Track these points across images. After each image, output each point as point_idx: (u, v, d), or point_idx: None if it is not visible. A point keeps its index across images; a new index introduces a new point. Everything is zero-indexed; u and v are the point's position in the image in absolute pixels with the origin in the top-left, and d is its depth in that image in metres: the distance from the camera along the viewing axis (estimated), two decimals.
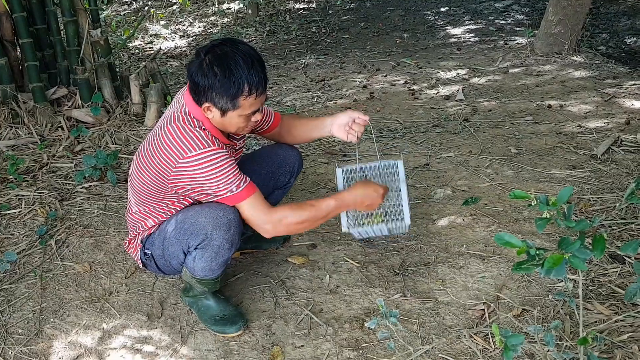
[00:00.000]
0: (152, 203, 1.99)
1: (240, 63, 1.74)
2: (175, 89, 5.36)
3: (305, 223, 1.97)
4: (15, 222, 2.78)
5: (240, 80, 1.74)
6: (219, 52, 1.75)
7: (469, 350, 1.88)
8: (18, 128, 3.70)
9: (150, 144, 1.90)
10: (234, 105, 1.79)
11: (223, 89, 1.75)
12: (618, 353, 1.70)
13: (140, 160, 1.93)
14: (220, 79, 1.74)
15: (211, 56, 1.76)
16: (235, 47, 1.76)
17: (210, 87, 1.76)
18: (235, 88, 1.75)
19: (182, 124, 1.83)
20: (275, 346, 2.01)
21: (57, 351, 2.07)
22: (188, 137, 1.81)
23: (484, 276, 2.22)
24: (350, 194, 2.03)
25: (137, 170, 1.95)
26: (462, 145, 3.49)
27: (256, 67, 1.77)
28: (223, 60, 1.74)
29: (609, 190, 2.70)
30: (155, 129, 1.94)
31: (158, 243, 2.03)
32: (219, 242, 1.91)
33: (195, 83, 1.78)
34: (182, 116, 1.85)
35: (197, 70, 1.77)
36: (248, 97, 1.78)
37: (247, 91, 1.76)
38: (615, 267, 2.12)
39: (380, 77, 5.31)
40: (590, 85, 4.36)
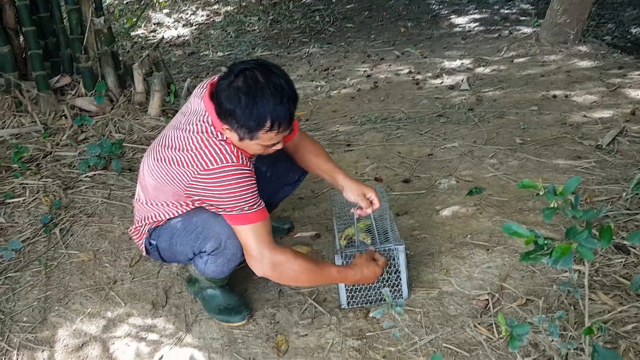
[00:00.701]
0: (165, 200, 1.95)
1: (268, 96, 1.62)
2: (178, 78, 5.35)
3: (302, 278, 1.89)
4: (19, 210, 2.79)
5: (263, 114, 1.63)
6: (250, 80, 1.63)
7: (473, 339, 1.88)
8: (22, 116, 3.71)
9: (170, 146, 1.81)
10: (252, 137, 1.69)
11: (244, 119, 1.64)
12: (622, 343, 1.70)
13: (158, 159, 1.85)
14: (243, 109, 1.62)
15: (241, 80, 1.63)
16: (268, 77, 1.63)
17: (232, 113, 1.65)
18: (256, 122, 1.64)
19: (206, 136, 1.74)
20: (280, 335, 2.01)
21: (61, 339, 2.07)
22: (211, 149, 1.73)
23: (488, 266, 2.21)
24: (352, 273, 1.96)
25: (154, 167, 1.88)
26: (467, 135, 3.48)
27: (285, 102, 1.64)
28: (251, 88, 1.62)
29: (614, 181, 2.69)
30: (175, 128, 1.85)
31: (165, 237, 2.01)
32: (233, 251, 1.90)
33: (220, 103, 1.67)
34: (206, 126, 1.76)
35: (224, 90, 1.65)
36: (269, 132, 1.67)
37: (268, 127, 1.65)
38: (620, 257, 2.12)
39: (384, 66, 5.29)
40: (595, 75, 4.33)
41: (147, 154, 1.97)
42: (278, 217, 2.74)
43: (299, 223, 2.68)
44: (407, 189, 2.91)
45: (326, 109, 4.35)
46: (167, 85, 4.03)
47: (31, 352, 2.01)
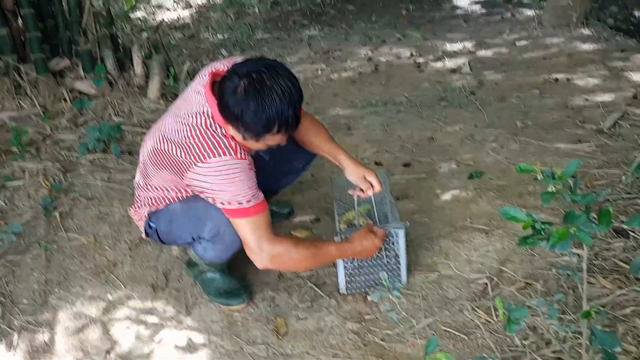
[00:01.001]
0: (164, 185, 1.95)
1: (277, 101, 1.59)
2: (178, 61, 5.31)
3: (304, 262, 1.90)
4: (19, 193, 2.78)
5: (272, 120, 1.61)
6: (257, 84, 1.59)
7: (471, 322, 1.89)
8: (21, 99, 3.68)
9: (170, 134, 1.79)
10: (258, 139, 1.68)
11: (252, 124, 1.62)
12: (621, 327, 1.71)
13: (158, 145, 1.84)
14: (251, 114, 1.60)
15: (247, 82, 1.59)
16: (275, 79, 1.60)
17: (238, 117, 1.62)
18: (264, 127, 1.62)
19: (204, 128, 1.71)
20: (279, 318, 2.02)
21: (62, 321, 2.08)
22: (209, 142, 1.70)
23: (487, 250, 2.22)
24: (351, 246, 1.95)
25: (154, 153, 1.86)
26: (468, 119, 3.47)
27: (293, 105, 1.62)
28: (259, 93, 1.58)
29: (614, 165, 2.68)
30: (175, 115, 1.82)
31: (164, 221, 2.01)
32: (232, 238, 1.89)
33: (225, 104, 1.64)
34: (205, 118, 1.73)
35: (231, 93, 1.61)
36: (276, 135, 1.67)
37: (275, 130, 1.64)
38: (619, 241, 2.12)
39: (385, 49, 5.25)
40: (598, 58, 4.30)
41: (147, 138, 1.96)
42: (278, 200, 2.74)
43: (299, 207, 2.68)
44: (407, 172, 2.90)
45: (327, 92, 4.33)
46: (166, 69, 4.01)
47: (32, 335, 2.03)
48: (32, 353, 1.95)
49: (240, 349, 1.91)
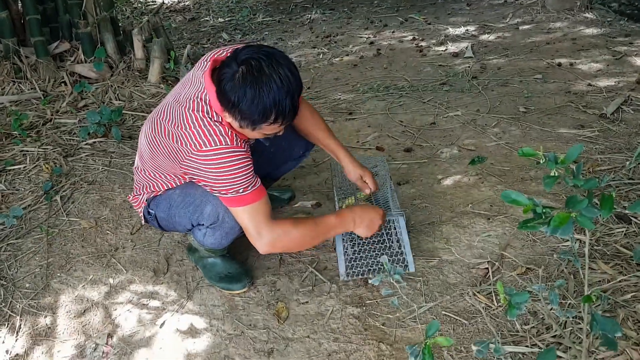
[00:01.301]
0: (163, 172, 1.94)
1: (275, 90, 1.56)
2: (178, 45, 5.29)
3: (305, 239, 1.88)
4: (20, 177, 2.78)
5: (269, 108, 1.58)
6: (255, 68, 1.56)
7: (472, 307, 1.89)
8: (21, 83, 3.68)
9: (168, 119, 1.78)
10: (254, 128, 1.65)
11: (248, 113, 1.59)
12: (621, 312, 1.71)
13: (156, 130, 1.83)
14: (247, 102, 1.57)
15: (245, 69, 1.56)
16: (274, 68, 1.57)
17: (235, 105, 1.59)
18: (260, 115, 1.59)
19: (200, 115, 1.70)
20: (280, 302, 2.03)
21: (64, 305, 2.09)
22: (206, 130, 1.69)
23: (488, 235, 2.21)
24: (351, 214, 1.94)
25: (152, 139, 1.86)
26: (470, 103, 3.45)
27: (291, 95, 1.59)
28: (257, 80, 1.55)
29: (617, 150, 2.67)
30: (174, 100, 1.81)
31: (163, 207, 2.01)
32: (231, 225, 1.89)
33: (223, 91, 1.61)
34: (202, 105, 1.71)
35: (229, 79, 1.58)
36: (273, 124, 1.63)
37: (272, 120, 1.61)
38: (621, 227, 2.11)
39: (387, 33, 5.22)
40: (601, 43, 4.27)
41: (146, 123, 1.95)
42: (279, 185, 2.74)
43: (300, 192, 2.67)
44: (408, 158, 2.89)
45: (328, 76, 4.30)
46: (167, 52, 3.99)
47: (34, 318, 2.03)
48: (35, 336, 1.96)
49: (241, 333, 1.92)
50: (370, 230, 1.96)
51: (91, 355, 1.88)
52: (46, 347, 1.92)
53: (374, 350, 1.78)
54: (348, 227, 1.94)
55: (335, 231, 1.94)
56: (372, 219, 1.96)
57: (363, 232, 1.97)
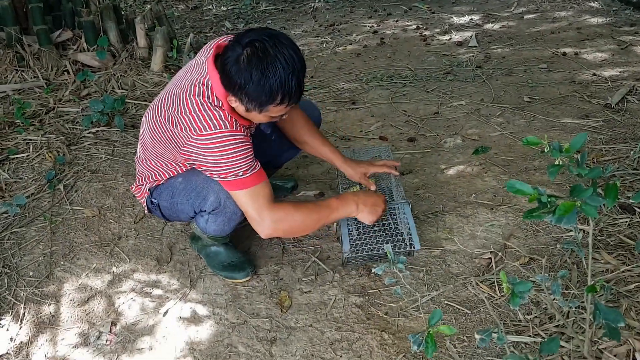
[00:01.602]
0: (164, 160, 1.94)
1: (280, 71, 1.56)
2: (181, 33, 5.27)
3: (307, 222, 1.86)
4: (23, 166, 2.79)
5: (275, 89, 1.58)
6: (260, 53, 1.55)
7: (474, 297, 1.89)
8: (24, 72, 3.67)
9: (168, 106, 1.78)
10: (261, 110, 1.64)
11: (255, 93, 1.59)
12: (624, 302, 1.70)
13: (157, 118, 1.84)
14: (254, 83, 1.57)
15: (250, 51, 1.56)
16: (279, 49, 1.56)
17: (242, 87, 1.59)
18: (267, 96, 1.59)
19: (201, 100, 1.69)
20: (283, 291, 2.03)
21: (67, 293, 2.10)
22: (206, 115, 1.68)
23: (492, 225, 2.21)
24: (354, 196, 1.95)
25: (153, 126, 1.86)
26: (474, 93, 3.43)
27: (296, 76, 1.59)
28: (262, 62, 1.55)
29: (621, 140, 2.66)
30: (175, 86, 1.81)
31: (166, 195, 2.01)
32: (233, 210, 1.89)
33: (228, 75, 1.61)
34: (204, 90, 1.71)
35: (234, 63, 1.58)
36: (279, 105, 1.63)
37: (279, 101, 1.61)
38: (625, 217, 2.11)
39: (391, 21, 5.19)
40: (606, 32, 4.24)
41: (147, 112, 1.95)
42: (281, 175, 2.73)
43: (303, 181, 2.67)
44: (412, 147, 2.89)
45: (331, 65, 4.29)
46: (169, 41, 3.97)
47: (38, 306, 2.04)
48: (39, 324, 1.97)
49: (244, 321, 1.92)
50: (374, 215, 1.96)
51: (95, 343, 1.89)
52: (50, 335, 1.93)
53: (377, 339, 1.79)
54: (350, 211, 1.93)
55: (338, 214, 1.92)
56: (375, 204, 1.96)
57: (366, 217, 1.96)
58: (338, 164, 2.17)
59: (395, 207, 2.11)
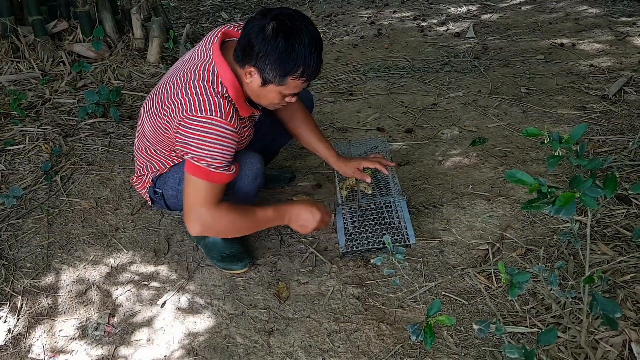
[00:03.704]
0: (165, 148, 1.94)
1: (306, 43, 1.61)
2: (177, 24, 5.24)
3: (242, 228, 1.88)
4: (19, 157, 2.77)
5: (300, 60, 1.62)
6: (288, 23, 1.60)
7: (472, 288, 1.90)
8: (19, 62, 3.65)
9: (168, 91, 1.79)
10: (281, 81, 1.67)
11: (279, 62, 1.62)
12: (621, 293, 1.71)
13: (155, 105, 1.84)
14: (280, 51, 1.60)
15: (278, 24, 1.60)
16: (306, 26, 1.63)
17: (266, 54, 1.61)
18: (291, 65, 1.63)
19: (205, 85, 1.71)
20: (281, 282, 2.03)
21: (65, 285, 2.10)
22: (206, 98, 1.69)
23: (489, 216, 2.21)
24: (290, 209, 1.96)
25: (151, 115, 1.86)
26: (471, 84, 3.42)
27: (318, 52, 1.65)
28: (290, 33, 1.60)
29: (619, 132, 2.66)
30: (175, 73, 1.81)
31: (172, 184, 2.00)
32: (246, 190, 1.91)
33: (251, 44, 1.62)
34: (209, 76, 1.72)
35: (259, 32, 1.61)
36: (299, 79, 1.66)
37: (299, 73, 1.65)
38: (621, 208, 2.11)
39: (388, 12, 5.17)
40: (604, 23, 4.23)
41: (145, 102, 1.95)
42: (279, 166, 2.73)
43: (301, 173, 2.67)
44: (409, 139, 2.88)
45: (328, 56, 4.27)
46: (166, 31, 3.95)
47: (35, 298, 2.04)
48: (36, 316, 1.97)
49: (242, 312, 1.92)
50: (303, 230, 1.99)
51: (93, 335, 1.89)
52: (48, 327, 1.93)
53: (374, 330, 1.79)
54: (283, 222, 1.96)
55: (272, 224, 1.95)
56: (307, 220, 1.96)
57: (296, 229, 2.00)
58: (332, 162, 2.20)
59: (392, 201, 2.12)
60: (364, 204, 2.17)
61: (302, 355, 1.75)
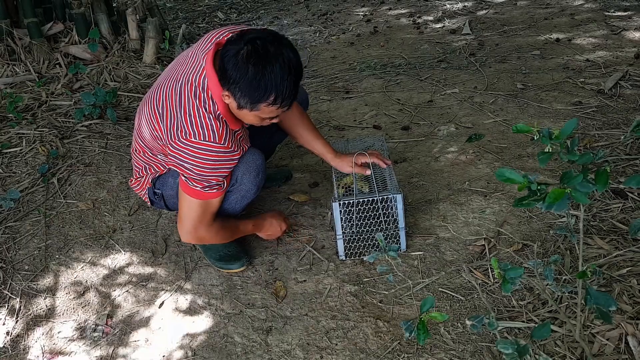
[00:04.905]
0: (163, 152, 1.94)
1: (277, 70, 1.57)
2: (173, 24, 5.24)
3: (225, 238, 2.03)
4: (16, 160, 2.78)
5: (269, 88, 1.58)
6: (260, 50, 1.57)
7: (468, 284, 1.90)
8: (15, 65, 3.65)
9: (165, 100, 1.79)
10: (253, 107, 1.64)
11: (249, 90, 1.59)
12: (617, 287, 1.72)
13: (152, 111, 1.84)
14: (249, 79, 1.57)
15: (250, 48, 1.57)
16: (279, 50, 1.58)
17: (236, 81, 1.59)
18: (260, 94, 1.60)
19: (197, 105, 1.72)
20: (278, 281, 2.04)
21: (63, 287, 2.10)
22: (199, 120, 1.70)
23: (485, 212, 2.22)
24: (263, 221, 2.14)
25: (149, 119, 1.86)
26: (467, 81, 3.43)
27: (292, 78, 1.61)
28: (260, 59, 1.56)
29: (614, 126, 2.66)
30: (172, 78, 1.81)
31: (171, 184, 2.00)
32: (247, 187, 1.91)
33: (224, 68, 1.61)
34: (200, 92, 1.72)
35: (232, 57, 1.59)
36: (272, 105, 1.63)
37: (271, 100, 1.61)
38: (617, 202, 2.12)
39: (384, 9, 5.17)
40: (599, 17, 4.23)
41: (142, 104, 1.94)
42: (276, 165, 2.74)
43: (297, 171, 2.67)
44: (405, 136, 2.89)
45: (324, 55, 4.27)
46: (162, 32, 3.95)
47: (33, 300, 2.05)
48: (35, 318, 1.98)
49: (240, 312, 1.93)
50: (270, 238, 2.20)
51: (91, 336, 1.90)
52: (46, 328, 1.94)
53: (372, 327, 1.80)
54: (259, 231, 2.16)
55: (248, 233, 2.13)
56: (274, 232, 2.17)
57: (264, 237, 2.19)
58: (329, 159, 2.19)
59: (388, 199, 2.11)
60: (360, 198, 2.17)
61: (300, 353, 1.75)
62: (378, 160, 2.17)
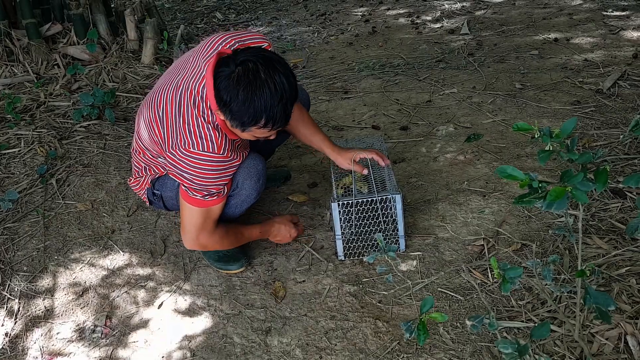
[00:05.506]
0: (162, 154, 1.94)
1: (267, 95, 1.56)
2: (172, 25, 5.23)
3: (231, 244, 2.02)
4: (15, 161, 2.77)
5: (259, 113, 1.58)
6: (250, 74, 1.56)
7: (467, 284, 1.90)
8: (13, 66, 3.64)
9: (165, 107, 1.79)
10: (243, 129, 1.65)
11: (238, 114, 1.59)
12: (616, 286, 1.72)
13: (152, 115, 1.83)
14: (238, 104, 1.57)
15: (241, 71, 1.57)
16: (270, 74, 1.57)
17: (227, 104, 1.60)
18: (249, 119, 1.59)
19: (196, 114, 1.71)
20: (277, 282, 2.04)
21: (62, 287, 2.10)
22: (198, 131, 1.71)
23: (484, 212, 2.22)
24: (271, 227, 2.12)
25: (149, 122, 1.86)
26: (466, 81, 3.43)
27: (283, 103, 1.59)
28: (250, 84, 1.55)
29: (613, 125, 2.67)
30: (174, 83, 1.80)
31: (170, 186, 2.00)
32: (248, 192, 1.92)
33: (218, 88, 1.61)
34: (199, 102, 1.72)
35: (224, 79, 1.59)
36: (263, 128, 1.63)
37: (262, 124, 1.61)
38: (616, 202, 2.12)
39: (382, 9, 5.17)
40: (598, 17, 4.24)
41: (142, 106, 1.94)
42: (275, 166, 2.73)
43: (296, 171, 2.67)
44: (404, 136, 2.89)
45: (323, 55, 4.27)
46: (160, 32, 3.94)
47: (32, 301, 2.04)
48: (34, 319, 1.97)
49: (239, 312, 1.93)
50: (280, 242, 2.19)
51: (90, 337, 1.89)
52: (45, 329, 1.93)
53: (371, 327, 1.80)
54: (266, 237, 2.15)
55: (254, 239, 2.13)
56: (283, 237, 2.15)
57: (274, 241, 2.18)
58: (328, 152, 2.18)
59: (388, 199, 2.11)
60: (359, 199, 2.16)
61: (300, 353, 1.75)
62: (377, 158, 2.16)
